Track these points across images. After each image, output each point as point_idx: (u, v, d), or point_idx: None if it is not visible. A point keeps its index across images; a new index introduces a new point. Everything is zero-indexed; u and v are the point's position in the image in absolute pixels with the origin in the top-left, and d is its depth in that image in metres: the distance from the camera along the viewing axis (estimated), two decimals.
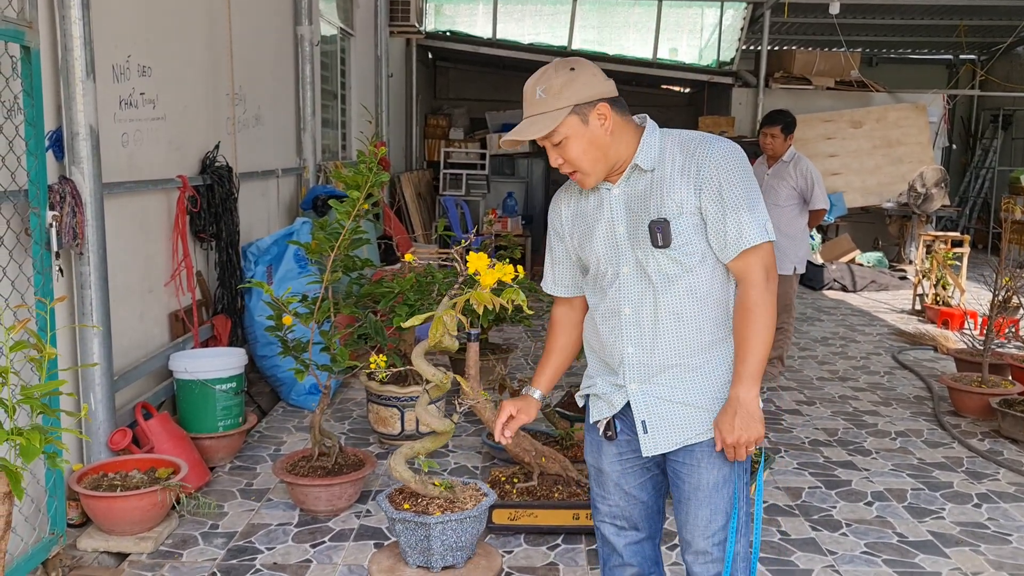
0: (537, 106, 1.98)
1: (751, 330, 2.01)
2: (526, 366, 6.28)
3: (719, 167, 1.99)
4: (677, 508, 2.17)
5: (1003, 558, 3.44)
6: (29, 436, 1.82)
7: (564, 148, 2.00)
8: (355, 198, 3.60)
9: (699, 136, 2.06)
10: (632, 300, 2.08)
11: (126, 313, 3.97)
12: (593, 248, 2.13)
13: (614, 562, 2.32)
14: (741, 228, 1.99)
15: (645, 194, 2.05)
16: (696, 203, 2.01)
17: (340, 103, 8.41)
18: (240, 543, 3.44)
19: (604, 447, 2.21)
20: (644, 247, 2.04)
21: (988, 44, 13.95)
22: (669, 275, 2.04)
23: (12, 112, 3.01)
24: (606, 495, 2.25)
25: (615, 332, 2.11)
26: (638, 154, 2.05)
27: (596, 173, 2.04)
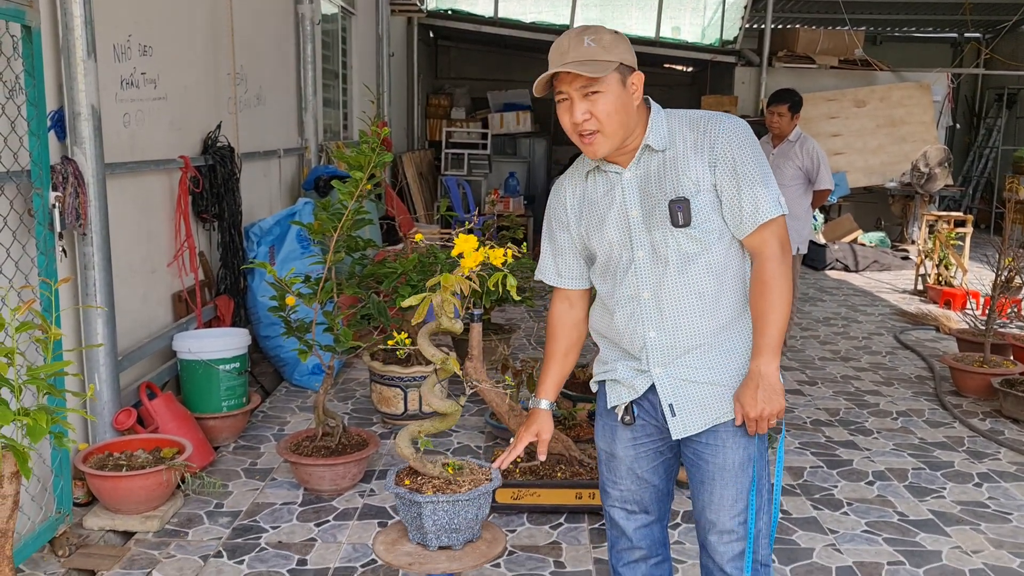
0: (585, 53, 1.94)
1: (769, 303, 2.01)
2: (528, 346, 6.29)
3: (731, 142, 2.00)
4: (698, 489, 2.15)
5: (1003, 537, 3.46)
6: (36, 416, 1.83)
7: (597, 102, 1.96)
8: (358, 178, 3.59)
9: (706, 113, 2.06)
10: (651, 284, 2.06)
11: (129, 294, 3.97)
12: (604, 235, 2.10)
13: (622, 545, 2.32)
14: (757, 202, 2.00)
15: (659, 174, 2.04)
16: (711, 180, 2.01)
17: (341, 83, 8.38)
18: (245, 522, 3.47)
19: (619, 432, 2.20)
20: (662, 228, 2.03)
21: (993, 22, 13.85)
22: (688, 254, 2.03)
23: (14, 92, 3.00)
24: (617, 480, 2.25)
25: (634, 317, 2.09)
26: (648, 134, 2.04)
27: (614, 139, 2.00)
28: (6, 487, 1.91)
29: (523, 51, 13.95)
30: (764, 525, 2.15)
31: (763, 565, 2.16)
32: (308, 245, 5.20)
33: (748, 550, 2.11)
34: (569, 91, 1.97)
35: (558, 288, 2.29)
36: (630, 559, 2.32)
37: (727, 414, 2.08)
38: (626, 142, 2.04)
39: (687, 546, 3.31)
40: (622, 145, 2.04)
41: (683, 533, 3.42)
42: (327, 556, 3.21)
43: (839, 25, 13.26)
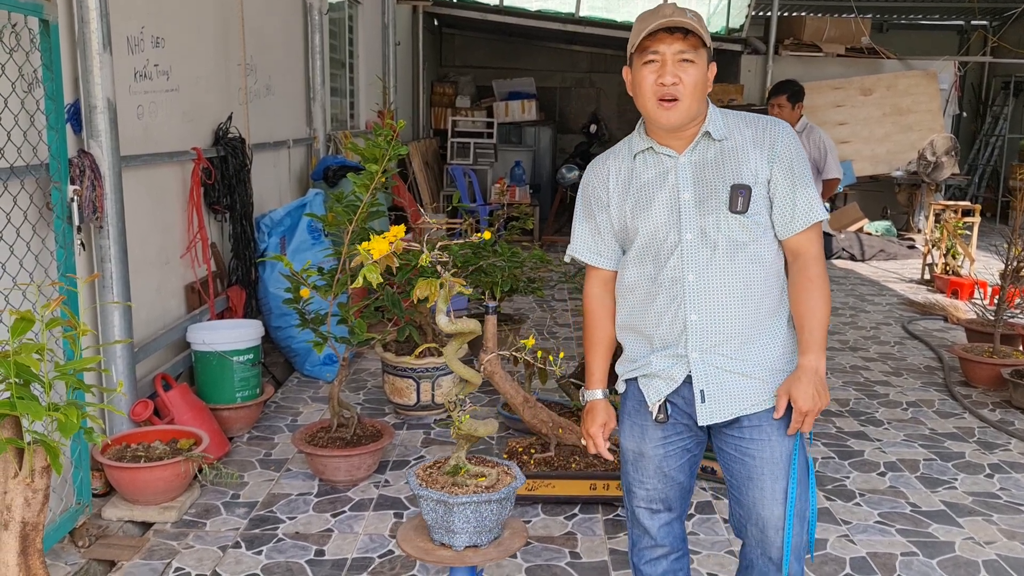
0: (691, 22, 2.00)
1: (816, 301, 2.06)
2: (537, 336, 6.31)
3: (790, 144, 2.10)
4: (746, 485, 2.14)
5: (1015, 527, 3.48)
6: (67, 412, 1.85)
7: (687, 70, 2.02)
8: (373, 171, 3.59)
9: (762, 116, 2.16)
10: (697, 267, 2.09)
11: (144, 285, 3.99)
12: (651, 216, 2.12)
13: (645, 543, 2.33)
14: (810, 203, 2.08)
15: (717, 161, 2.09)
16: (767, 175, 2.08)
17: (348, 72, 8.36)
18: (262, 512, 3.49)
19: (649, 431, 2.21)
20: (715, 213, 2.06)
21: (1000, 9, 13.79)
22: (737, 242, 2.07)
23: (32, 86, 3.01)
24: (644, 479, 2.26)
25: (677, 300, 2.11)
26: (708, 123, 2.10)
27: (689, 112, 2.05)
28: (37, 481, 1.93)
29: (528, 39, 13.91)
30: (810, 512, 2.18)
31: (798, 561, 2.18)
32: (319, 236, 5.21)
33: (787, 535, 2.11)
34: (665, 53, 2.02)
35: (593, 269, 2.29)
36: (652, 556, 2.33)
37: (754, 406, 2.11)
38: (687, 125, 2.09)
39: (701, 536, 3.34)
40: (686, 125, 2.08)
41: (696, 524, 3.45)
42: (344, 547, 3.24)
43: (846, 13, 13.21)
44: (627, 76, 2.13)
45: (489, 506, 2.15)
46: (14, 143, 2.92)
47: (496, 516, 2.19)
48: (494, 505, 2.16)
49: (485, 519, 2.16)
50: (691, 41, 2.01)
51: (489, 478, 2.25)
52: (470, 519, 2.15)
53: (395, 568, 3.09)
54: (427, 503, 2.20)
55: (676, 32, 2.00)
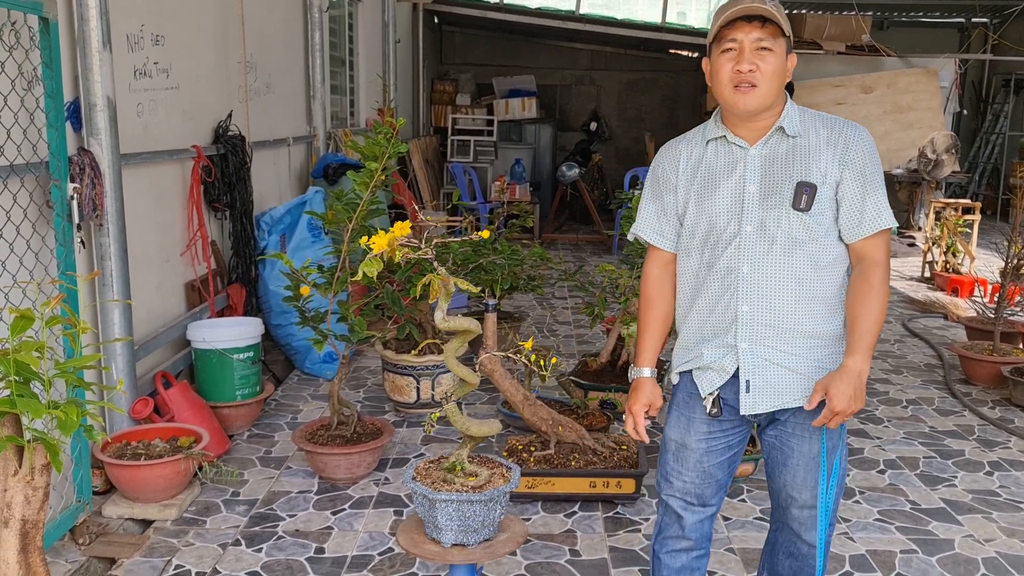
0: (770, 10, 2.01)
1: (872, 305, 2.05)
2: (537, 334, 6.31)
3: (865, 150, 2.09)
4: (780, 469, 2.23)
5: (1015, 525, 3.48)
6: (66, 410, 1.85)
7: (765, 58, 2.03)
8: (373, 169, 3.59)
9: (839, 118, 2.14)
10: (753, 259, 2.10)
11: (144, 283, 3.99)
12: (714, 203, 2.14)
13: (671, 533, 2.35)
14: (879, 209, 2.08)
15: (788, 157, 2.09)
16: (837, 177, 2.08)
17: (348, 70, 8.36)
18: (262, 510, 3.50)
19: (695, 424, 2.24)
20: (778, 207, 2.07)
21: (1001, 7, 13.77)
22: (796, 240, 2.08)
23: (31, 84, 3.01)
24: (683, 471, 2.28)
25: (730, 290, 2.13)
26: (783, 118, 2.11)
27: (765, 100, 2.06)
28: (37, 479, 1.93)
29: (528, 36, 13.90)
30: (838, 495, 2.25)
31: (830, 525, 2.27)
32: (319, 234, 5.22)
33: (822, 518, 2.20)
34: (743, 41, 2.03)
35: (655, 250, 2.30)
36: (675, 547, 2.35)
37: (797, 400, 2.14)
38: (762, 116, 2.09)
39: None
40: (761, 115, 2.09)
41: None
42: (344, 544, 3.24)
43: (846, 10, 13.19)
44: (706, 67, 2.15)
45: (472, 506, 2.14)
46: (14, 141, 2.92)
47: (482, 517, 2.16)
48: (478, 506, 2.14)
49: (469, 519, 2.15)
50: (769, 29, 2.02)
51: (480, 478, 2.23)
52: (453, 517, 2.15)
53: (395, 566, 3.09)
54: (416, 497, 2.22)
55: (754, 20, 2.02)
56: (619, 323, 4.53)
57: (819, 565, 2.21)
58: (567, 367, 5.19)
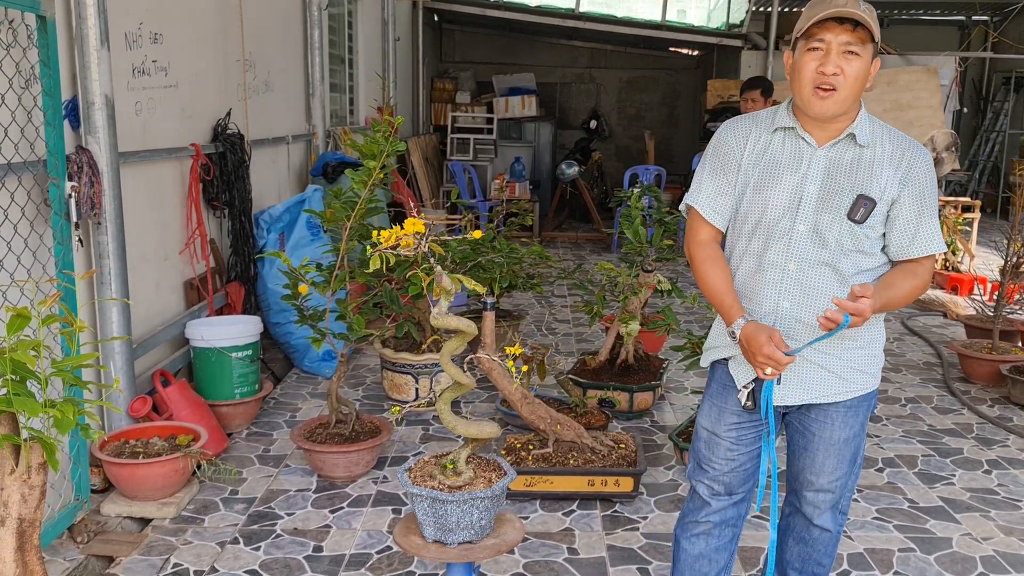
0: (863, 14, 1.99)
1: (905, 282, 2.10)
2: (537, 332, 6.31)
3: (927, 173, 2.09)
4: (800, 453, 2.28)
5: (1013, 523, 3.48)
6: (63, 408, 1.85)
7: (851, 62, 2.01)
8: (371, 167, 3.59)
9: (906, 136, 2.14)
10: (800, 258, 2.11)
11: (142, 282, 3.99)
12: (772, 194, 2.13)
13: (695, 517, 2.40)
14: (932, 234, 2.11)
15: (852, 166, 2.09)
16: (894, 195, 2.08)
17: (348, 68, 8.35)
18: (260, 508, 3.50)
19: (725, 415, 2.27)
20: (832, 213, 2.07)
21: (1001, 5, 13.75)
22: (844, 248, 2.09)
23: (29, 82, 3.01)
24: (713, 459, 2.32)
25: (773, 284, 2.14)
26: (856, 125, 2.09)
27: (844, 105, 2.05)
28: (34, 478, 1.93)
29: (528, 35, 13.89)
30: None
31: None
32: (318, 232, 5.21)
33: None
34: (831, 42, 2.01)
35: (704, 224, 2.24)
36: (694, 531, 2.40)
37: (826, 396, 2.17)
38: (837, 119, 2.08)
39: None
40: (837, 117, 2.07)
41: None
42: (342, 542, 3.24)
43: None
44: (787, 60, 2.13)
45: (444, 506, 2.12)
46: (11, 140, 2.92)
47: (456, 518, 2.14)
48: (450, 506, 2.12)
49: (442, 517, 2.13)
50: (859, 34, 2.00)
51: (462, 477, 2.23)
52: (428, 513, 2.15)
53: (392, 564, 3.10)
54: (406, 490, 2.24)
55: (846, 23, 1.99)
56: (618, 321, 4.53)
57: None
58: (566, 365, 5.19)
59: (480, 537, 2.20)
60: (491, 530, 2.24)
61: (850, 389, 2.19)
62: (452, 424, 2.25)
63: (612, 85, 14.87)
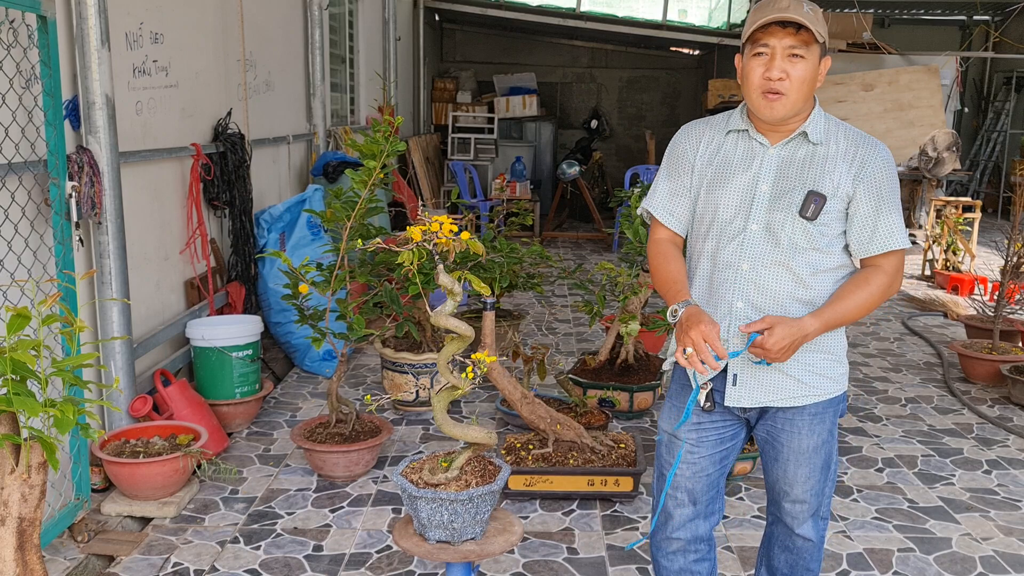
0: (805, 16, 1.99)
1: (859, 295, 2.07)
2: (537, 332, 6.31)
3: (884, 168, 2.08)
4: (772, 465, 2.27)
5: (1012, 524, 3.48)
6: (63, 408, 1.86)
7: (797, 65, 2.01)
8: (371, 167, 3.60)
9: (864, 133, 2.13)
10: (753, 257, 2.10)
11: (143, 281, 3.99)
12: (724, 195, 2.13)
13: (664, 534, 2.34)
14: (892, 229, 2.07)
15: (804, 163, 2.09)
16: (849, 192, 2.07)
17: (348, 67, 8.36)
18: (260, 508, 3.50)
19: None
20: (785, 211, 2.07)
21: (1002, 5, 13.75)
22: (798, 246, 2.08)
23: (30, 82, 3.01)
24: (674, 462, 2.28)
25: (727, 284, 2.13)
26: (808, 123, 2.09)
27: (793, 107, 2.05)
28: (34, 477, 1.93)
29: (529, 34, 13.89)
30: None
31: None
32: (318, 232, 5.22)
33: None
34: (775, 46, 2.02)
35: (661, 227, 2.26)
36: (668, 549, 2.34)
37: (783, 400, 2.15)
38: (789, 120, 2.08)
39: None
40: (788, 119, 2.08)
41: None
42: (342, 542, 3.25)
43: (847, 8, 13.17)
44: (738, 64, 2.14)
45: (416, 501, 2.15)
46: (12, 139, 2.92)
47: (428, 515, 2.16)
48: (420, 502, 2.14)
49: (419, 512, 2.16)
50: (803, 36, 2.00)
51: (443, 476, 2.24)
52: (409, 506, 2.18)
53: (392, 563, 3.10)
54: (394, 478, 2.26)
55: (788, 26, 1.99)
56: (618, 321, 4.53)
57: None
58: (566, 365, 5.19)
59: (459, 540, 2.21)
60: (475, 534, 2.23)
61: (810, 394, 2.15)
62: (440, 421, 2.27)
63: (613, 85, 14.87)
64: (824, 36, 2.02)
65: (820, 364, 2.15)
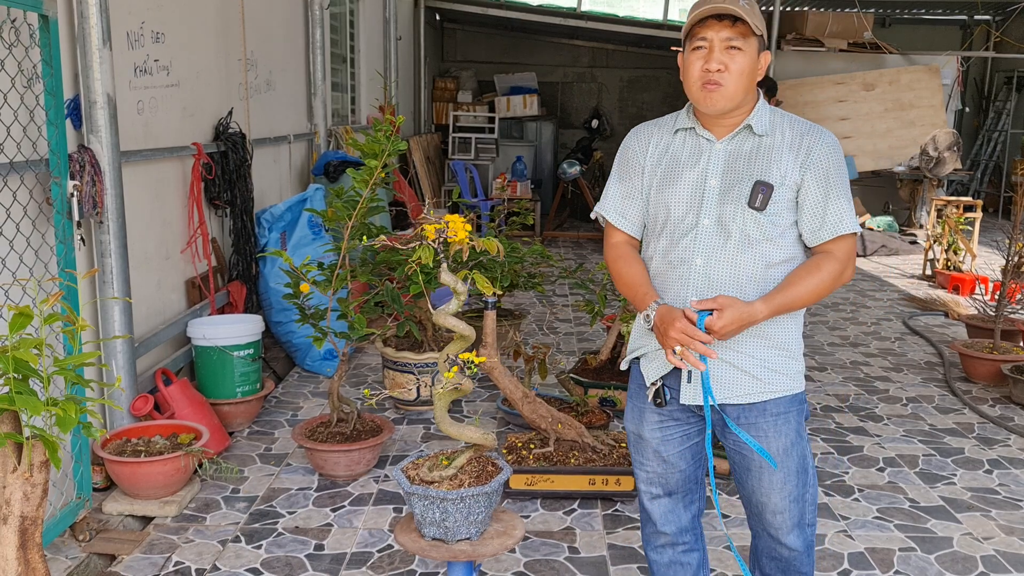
0: (741, 9, 2.01)
1: (809, 281, 2.07)
2: (538, 331, 6.31)
3: (829, 155, 2.08)
4: (746, 476, 2.22)
5: (1014, 523, 3.48)
6: (65, 407, 1.86)
7: (735, 57, 2.03)
8: (372, 166, 3.60)
9: (809, 122, 2.15)
10: (706, 252, 2.10)
11: (144, 281, 4.00)
12: (674, 193, 2.14)
13: (649, 529, 2.37)
14: (841, 215, 2.08)
15: (751, 155, 2.10)
16: (797, 180, 2.08)
17: (349, 67, 8.36)
18: (262, 507, 3.50)
19: (646, 414, 2.24)
20: (734, 204, 2.08)
21: (1003, 4, 13.73)
22: (750, 238, 2.08)
23: (31, 82, 3.01)
24: (644, 461, 2.29)
25: (681, 280, 2.13)
26: (752, 116, 2.11)
27: (732, 100, 2.06)
28: (36, 476, 1.94)
29: (530, 34, 13.89)
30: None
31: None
32: (319, 231, 5.22)
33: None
34: (713, 39, 2.03)
35: (615, 230, 2.28)
36: (656, 543, 2.37)
37: (739, 398, 2.14)
38: (732, 113, 2.10)
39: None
40: (730, 112, 2.09)
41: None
42: (344, 541, 3.25)
43: (848, 7, 13.17)
44: (680, 63, 2.15)
45: (410, 497, 2.18)
46: (14, 139, 2.92)
47: (421, 512, 2.18)
48: (415, 499, 2.18)
49: (414, 508, 2.19)
50: (740, 28, 2.02)
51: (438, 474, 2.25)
52: (406, 501, 2.20)
53: (394, 562, 3.10)
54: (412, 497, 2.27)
55: (724, 19, 2.02)
56: (619, 320, 4.53)
57: None
58: (567, 364, 5.19)
59: (453, 538, 2.22)
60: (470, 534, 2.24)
61: (765, 390, 2.14)
62: (439, 418, 2.28)
63: (614, 84, 14.87)
64: (761, 29, 2.04)
65: (774, 360, 2.14)
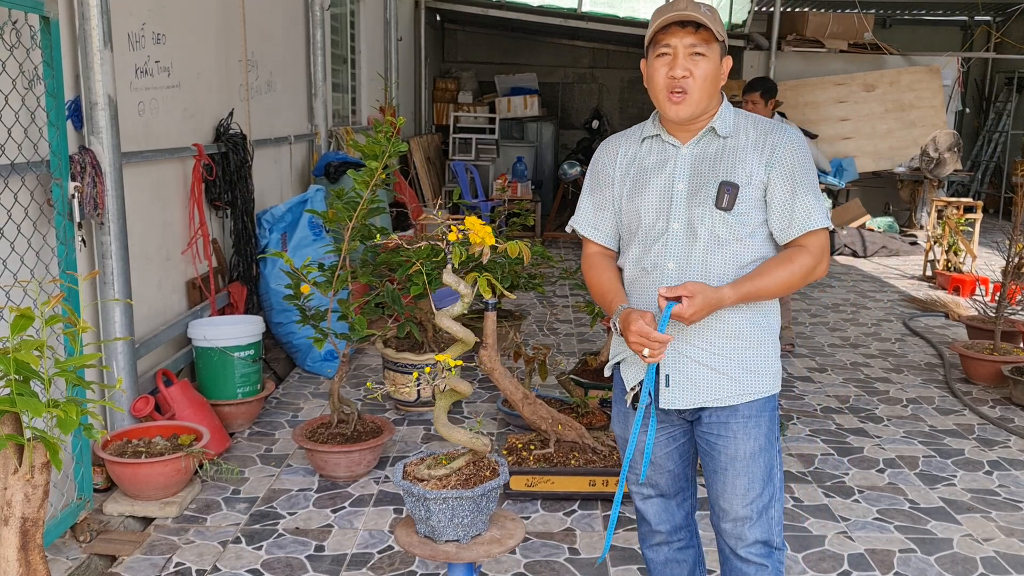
0: (704, 15, 2.02)
1: (779, 272, 2.07)
2: (538, 332, 6.31)
3: (794, 152, 2.09)
4: (712, 478, 2.21)
5: (1014, 524, 3.48)
6: (66, 408, 1.86)
7: (699, 64, 2.05)
8: (373, 168, 3.60)
9: (773, 121, 2.16)
10: (678, 256, 2.11)
11: (145, 282, 4.00)
12: (644, 199, 2.15)
13: (644, 529, 2.39)
14: (809, 210, 2.08)
15: (716, 157, 2.11)
16: (763, 179, 2.09)
17: (350, 68, 8.36)
18: (262, 508, 3.51)
19: (631, 418, 2.25)
20: (703, 206, 2.08)
21: (1004, 5, 13.74)
22: (720, 239, 2.09)
23: (32, 83, 3.02)
24: (633, 464, 2.30)
25: (655, 285, 2.13)
26: (716, 119, 2.13)
27: (698, 105, 2.08)
28: (37, 477, 1.94)
29: (530, 34, 13.89)
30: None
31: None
32: (320, 232, 5.22)
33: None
34: (676, 46, 2.05)
35: (590, 242, 2.31)
36: (652, 542, 2.39)
37: (716, 400, 2.14)
38: (697, 118, 2.11)
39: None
40: (696, 118, 2.10)
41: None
42: (344, 542, 3.25)
43: (848, 8, 13.17)
44: (644, 69, 2.16)
45: (406, 496, 2.22)
46: (15, 140, 2.93)
47: (410, 508, 2.22)
48: (404, 495, 2.22)
49: (408, 504, 2.23)
50: (703, 35, 2.04)
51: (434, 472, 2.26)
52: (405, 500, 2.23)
53: (394, 563, 3.10)
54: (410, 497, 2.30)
55: (688, 26, 2.03)
56: None
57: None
58: (567, 365, 5.19)
59: (440, 538, 2.23)
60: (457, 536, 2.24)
61: (743, 391, 2.13)
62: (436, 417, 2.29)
63: (614, 85, 14.87)
64: (723, 36, 2.07)
65: (752, 361, 2.14)
